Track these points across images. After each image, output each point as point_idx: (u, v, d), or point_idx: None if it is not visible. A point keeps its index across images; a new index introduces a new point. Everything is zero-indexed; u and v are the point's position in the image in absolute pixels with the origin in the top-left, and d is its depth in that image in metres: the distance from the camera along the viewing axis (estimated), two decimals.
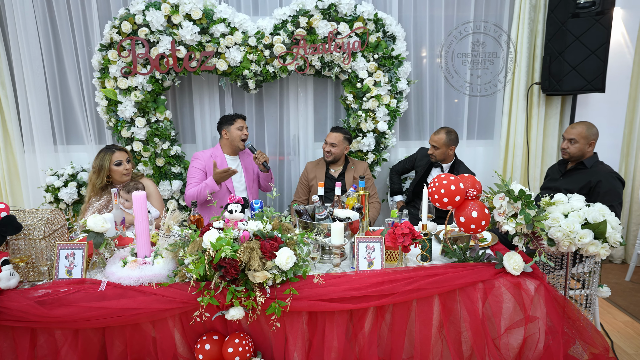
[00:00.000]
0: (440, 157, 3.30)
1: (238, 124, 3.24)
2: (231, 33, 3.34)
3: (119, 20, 3.28)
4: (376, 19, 3.42)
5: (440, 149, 3.26)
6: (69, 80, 3.61)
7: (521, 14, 3.65)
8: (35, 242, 1.92)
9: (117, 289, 1.82)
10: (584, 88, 3.46)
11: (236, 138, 3.23)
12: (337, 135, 3.37)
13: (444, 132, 3.25)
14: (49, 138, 3.69)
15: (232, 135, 3.24)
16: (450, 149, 3.28)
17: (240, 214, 1.95)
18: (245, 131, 3.25)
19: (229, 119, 3.26)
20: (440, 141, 3.24)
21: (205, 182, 3.08)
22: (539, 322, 1.93)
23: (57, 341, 1.80)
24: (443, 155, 3.28)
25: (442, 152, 3.27)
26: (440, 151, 3.26)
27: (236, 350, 1.82)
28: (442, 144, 3.24)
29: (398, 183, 3.72)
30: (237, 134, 3.23)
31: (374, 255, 1.98)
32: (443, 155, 3.29)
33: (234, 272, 1.74)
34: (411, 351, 1.94)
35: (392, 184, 3.74)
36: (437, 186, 1.98)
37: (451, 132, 3.27)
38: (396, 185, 3.71)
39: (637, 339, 2.83)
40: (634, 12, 3.76)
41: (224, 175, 3.03)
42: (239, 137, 3.23)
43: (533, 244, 1.97)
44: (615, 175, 2.78)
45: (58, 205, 3.49)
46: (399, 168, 3.73)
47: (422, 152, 3.57)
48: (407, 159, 3.69)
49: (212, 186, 3.04)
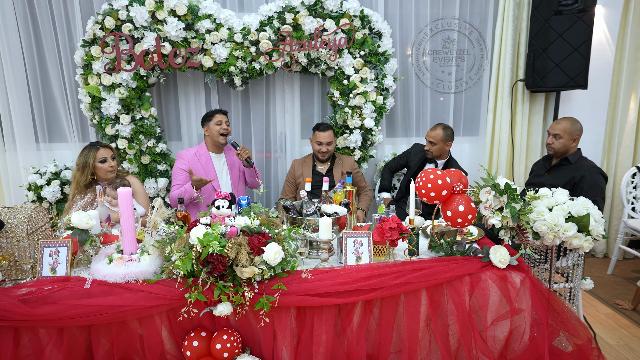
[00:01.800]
0: (437, 153, 3.32)
1: (216, 119, 3.21)
2: (217, 29, 3.32)
3: (102, 15, 3.22)
4: (362, 15, 3.43)
5: (437, 144, 3.28)
6: (51, 77, 3.54)
7: (505, 12, 3.69)
8: (18, 240, 1.89)
9: (103, 286, 1.79)
10: (567, 85, 3.52)
11: (215, 133, 3.21)
12: (330, 133, 3.36)
13: (441, 128, 3.27)
14: (30, 136, 3.61)
15: (211, 132, 3.22)
16: (447, 145, 3.31)
17: (227, 210, 1.94)
18: (224, 125, 3.22)
19: (208, 115, 3.26)
20: (437, 137, 3.27)
21: (185, 186, 3.07)
22: (524, 314, 1.95)
23: (42, 340, 1.77)
24: (440, 151, 3.31)
25: (438, 148, 3.29)
26: (437, 147, 3.29)
27: (224, 347, 1.81)
28: (439, 140, 3.27)
29: (388, 180, 3.73)
30: (216, 129, 3.20)
31: (362, 250, 1.99)
32: (440, 152, 3.31)
33: (221, 267, 1.73)
34: (399, 345, 1.95)
35: (383, 181, 3.75)
36: (424, 181, 2.00)
37: (448, 128, 3.30)
38: (386, 182, 3.72)
39: (619, 330, 2.89)
40: (614, 10, 3.83)
41: (199, 183, 3.00)
42: (218, 131, 3.20)
43: (519, 237, 2.00)
44: (599, 170, 2.83)
45: (41, 204, 3.42)
46: (392, 165, 3.74)
47: (416, 148, 3.59)
48: (402, 154, 3.70)
49: (191, 191, 3.02)
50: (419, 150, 3.53)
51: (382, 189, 3.74)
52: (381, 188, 3.76)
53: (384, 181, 3.74)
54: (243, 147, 3.18)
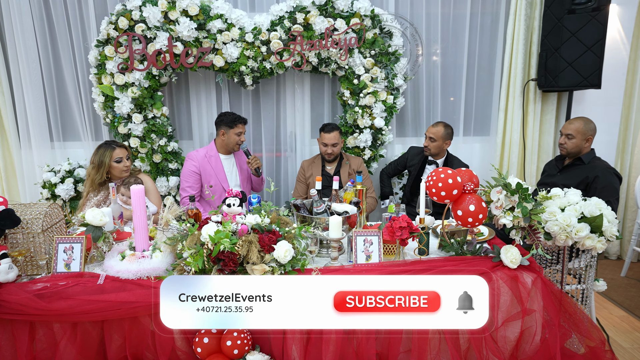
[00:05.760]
0: (435, 151, 3.31)
1: (238, 129, 3.18)
2: (228, 29, 3.34)
3: (115, 16, 3.27)
4: (373, 15, 3.43)
5: (437, 141, 3.26)
6: (66, 77, 3.59)
7: (517, 11, 3.65)
8: (34, 236, 1.92)
9: (116, 282, 1.82)
10: (580, 84, 3.48)
11: (232, 142, 3.20)
12: (335, 135, 3.34)
13: (442, 126, 3.26)
14: (45, 134, 3.67)
15: (229, 139, 3.20)
16: (446, 143, 3.29)
17: (238, 208, 1.95)
18: (242, 137, 3.21)
19: (229, 120, 3.17)
20: (438, 134, 3.25)
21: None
22: (535, 315, 1.94)
23: (56, 334, 1.80)
24: (438, 148, 3.29)
25: (438, 146, 3.27)
26: (436, 144, 3.27)
27: (234, 344, 1.82)
28: (440, 137, 3.25)
29: (389, 186, 3.71)
30: (235, 139, 3.19)
31: (372, 249, 1.99)
32: (438, 149, 3.30)
33: (232, 265, 1.75)
34: (409, 344, 1.95)
35: (384, 187, 3.72)
36: (435, 180, 1.99)
37: (448, 127, 3.29)
38: (387, 188, 3.69)
39: (633, 333, 2.85)
40: (629, 9, 3.78)
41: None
42: (236, 142, 3.20)
43: (530, 237, 1.98)
44: (613, 170, 2.79)
45: (55, 202, 3.47)
46: (389, 170, 3.72)
47: (412, 151, 3.58)
48: (398, 159, 3.69)
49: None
50: (416, 152, 3.52)
51: (384, 196, 3.70)
52: (383, 195, 3.71)
53: (385, 187, 3.70)
54: (254, 156, 3.19)
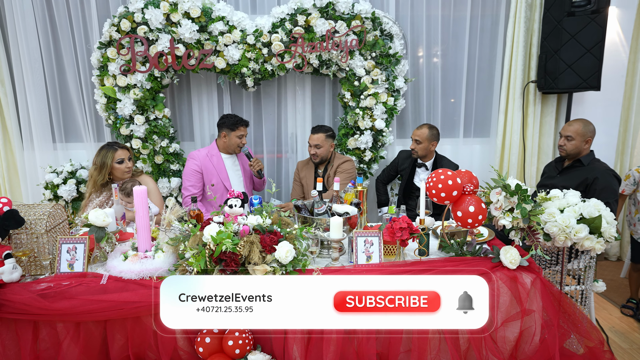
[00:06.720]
0: (422, 153, 3.32)
1: (240, 132, 3.20)
2: (229, 31, 3.36)
3: (118, 18, 3.29)
4: (373, 17, 3.45)
5: (422, 143, 3.27)
6: (68, 78, 3.62)
7: (517, 13, 3.67)
8: (37, 236, 1.94)
9: (119, 282, 1.84)
10: (580, 86, 3.49)
11: (233, 144, 3.23)
12: (319, 136, 3.32)
13: (427, 127, 3.28)
14: (47, 136, 3.70)
15: (230, 141, 3.23)
16: (432, 145, 3.30)
17: (240, 209, 1.97)
18: (244, 140, 3.24)
19: (231, 123, 3.19)
20: (423, 135, 3.27)
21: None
22: (535, 315, 1.95)
23: (59, 334, 1.82)
24: (425, 150, 3.30)
25: (424, 147, 3.29)
26: (422, 146, 3.28)
27: (236, 344, 1.84)
28: (425, 139, 3.26)
29: (385, 194, 3.71)
30: (236, 142, 3.22)
31: (372, 250, 2.01)
32: (425, 151, 3.31)
33: (234, 265, 1.76)
34: (409, 344, 1.96)
35: (379, 195, 3.72)
36: (435, 181, 2.01)
37: (433, 128, 3.31)
38: (383, 197, 3.69)
39: (632, 334, 2.86)
40: (628, 11, 3.80)
41: None
42: (237, 144, 3.23)
43: (529, 238, 2.00)
44: (612, 172, 2.81)
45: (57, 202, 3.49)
46: (384, 177, 3.71)
47: (402, 155, 3.59)
48: (390, 165, 3.68)
49: None
50: (406, 156, 3.53)
51: (380, 204, 3.69)
52: (380, 203, 3.71)
53: (381, 195, 3.70)
54: (256, 158, 3.21)
